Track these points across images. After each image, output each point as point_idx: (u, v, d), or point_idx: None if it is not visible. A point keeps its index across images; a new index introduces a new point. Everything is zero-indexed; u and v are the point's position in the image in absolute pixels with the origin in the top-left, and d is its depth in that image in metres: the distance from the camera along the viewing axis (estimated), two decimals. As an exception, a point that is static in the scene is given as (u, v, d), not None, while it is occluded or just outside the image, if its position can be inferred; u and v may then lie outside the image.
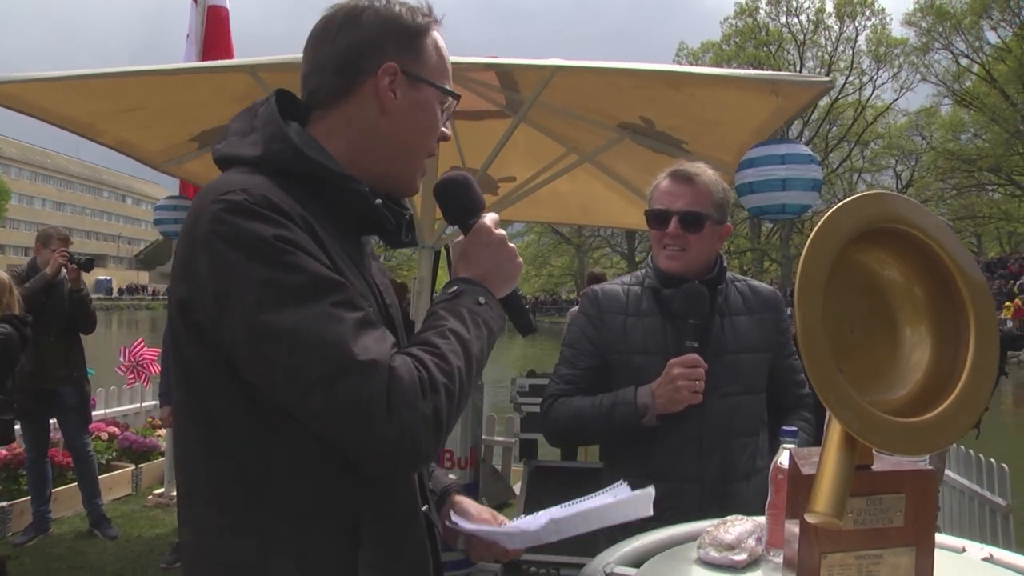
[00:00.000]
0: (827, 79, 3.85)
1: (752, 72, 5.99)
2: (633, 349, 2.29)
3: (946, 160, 45.71)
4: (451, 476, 1.69)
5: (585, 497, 1.53)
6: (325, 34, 1.37)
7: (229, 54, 6.35)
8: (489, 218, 1.40)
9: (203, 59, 6.28)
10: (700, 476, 2.22)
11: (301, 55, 1.41)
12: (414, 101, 1.36)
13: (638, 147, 4.75)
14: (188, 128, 5.02)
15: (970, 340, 1.33)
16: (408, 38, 1.36)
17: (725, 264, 2.40)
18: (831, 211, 1.29)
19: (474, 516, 1.54)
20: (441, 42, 1.42)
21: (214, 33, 6.48)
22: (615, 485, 1.55)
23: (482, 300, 1.32)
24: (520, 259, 1.41)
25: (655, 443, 2.22)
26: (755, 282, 2.50)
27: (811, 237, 1.26)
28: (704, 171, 2.32)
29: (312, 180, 1.28)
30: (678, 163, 2.37)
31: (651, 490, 1.53)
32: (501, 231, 1.40)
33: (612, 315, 2.34)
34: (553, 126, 5.34)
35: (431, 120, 1.40)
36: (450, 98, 1.42)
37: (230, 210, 1.15)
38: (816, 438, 2.18)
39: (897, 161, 51.42)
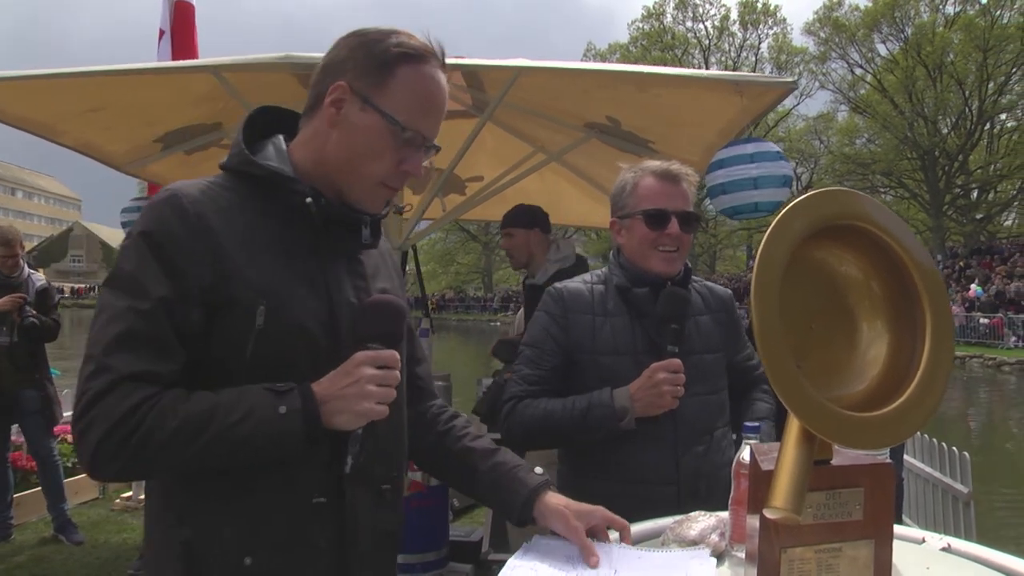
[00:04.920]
0: (791, 80, 3.89)
1: (717, 73, 6.04)
2: (602, 349, 2.26)
3: (843, 163, 47.96)
4: (537, 470, 1.68)
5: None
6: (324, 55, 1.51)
7: (194, 51, 6.28)
8: (371, 355, 1.38)
9: (172, 58, 6.21)
10: (676, 477, 2.21)
11: (264, 56, 1.49)
12: (358, 122, 1.44)
13: (605, 147, 4.77)
14: (152, 129, 4.96)
15: (926, 336, 1.35)
16: (371, 64, 1.43)
17: (689, 265, 2.41)
18: (787, 208, 1.30)
19: (560, 528, 1.57)
20: (426, 81, 1.46)
21: (180, 30, 6.41)
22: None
23: (283, 410, 1.31)
24: (374, 408, 1.36)
25: (629, 447, 2.21)
26: (710, 283, 2.53)
27: (767, 234, 1.27)
28: (685, 169, 2.32)
29: (265, 181, 1.44)
30: (656, 161, 2.34)
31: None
32: (372, 371, 1.36)
33: (578, 314, 2.30)
34: (520, 126, 5.35)
35: (374, 146, 1.44)
36: (410, 134, 1.44)
37: (150, 202, 1.39)
38: (778, 410, 2.22)
39: (797, 164, 53.20)
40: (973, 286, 31.45)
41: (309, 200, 1.42)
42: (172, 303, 1.31)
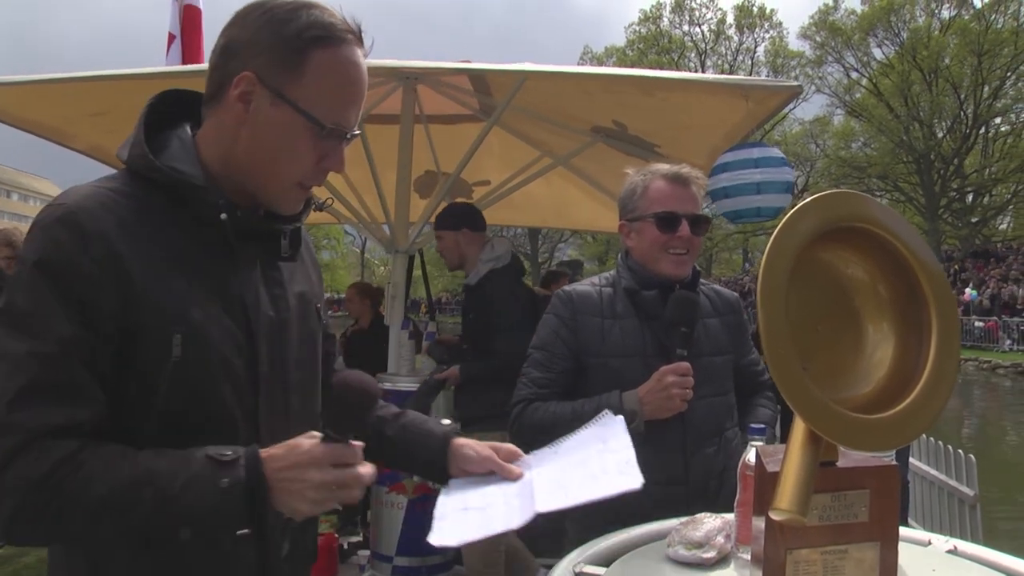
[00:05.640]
0: (796, 84, 3.89)
1: (722, 77, 6.05)
2: (611, 352, 2.27)
3: (839, 167, 48.08)
4: (444, 421, 1.61)
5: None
6: (222, 30, 1.31)
7: (200, 55, 6.29)
8: (329, 452, 1.18)
9: (182, 63, 6.22)
10: (685, 478, 2.22)
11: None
12: (270, 119, 1.26)
13: (611, 151, 4.77)
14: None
15: (932, 338, 1.36)
16: (281, 50, 1.24)
17: (698, 268, 2.42)
18: (794, 210, 1.30)
19: (476, 462, 1.51)
20: (345, 67, 1.27)
21: (187, 35, 6.42)
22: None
23: (225, 483, 1.14)
24: (314, 509, 1.19)
25: (638, 450, 2.20)
26: (717, 286, 2.55)
27: (774, 236, 1.27)
28: (695, 173, 2.33)
29: (172, 185, 1.26)
30: (666, 165, 2.36)
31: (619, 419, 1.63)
32: (324, 476, 1.17)
33: (587, 317, 2.31)
34: (527, 130, 5.36)
35: (290, 145, 1.27)
36: (330, 128, 1.27)
37: (40, 222, 1.19)
38: (784, 412, 2.22)
39: (793, 167, 53.04)
40: (968, 289, 31.45)
41: (224, 216, 1.26)
42: (80, 342, 1.14)
